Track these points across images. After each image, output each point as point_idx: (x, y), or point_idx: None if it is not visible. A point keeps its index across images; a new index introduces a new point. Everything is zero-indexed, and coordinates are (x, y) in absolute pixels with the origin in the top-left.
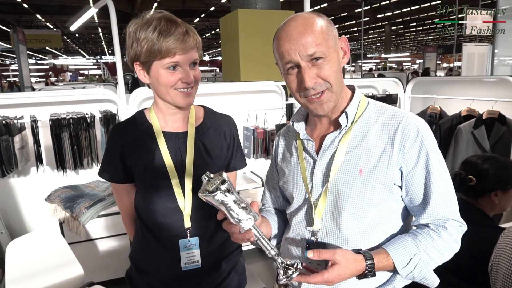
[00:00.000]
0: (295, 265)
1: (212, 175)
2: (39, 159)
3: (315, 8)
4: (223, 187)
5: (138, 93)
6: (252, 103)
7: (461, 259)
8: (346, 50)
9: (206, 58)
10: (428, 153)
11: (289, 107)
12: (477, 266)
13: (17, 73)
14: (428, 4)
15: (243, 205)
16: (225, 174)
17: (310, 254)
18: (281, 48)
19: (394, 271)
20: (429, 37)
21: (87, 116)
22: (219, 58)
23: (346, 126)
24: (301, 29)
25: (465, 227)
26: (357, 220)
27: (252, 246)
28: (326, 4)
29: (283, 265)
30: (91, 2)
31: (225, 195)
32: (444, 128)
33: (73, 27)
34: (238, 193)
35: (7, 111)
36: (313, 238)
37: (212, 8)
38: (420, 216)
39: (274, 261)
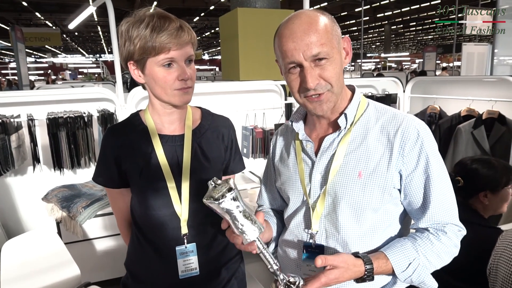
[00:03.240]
0: (296, 283)
1: (219, 181)
2: (36, 158)
3: (315, 7)
4: (230, 195)
5: (136, 92)
6: (251, 103)
7: (457, 260)
8: (349, 50)
9: (206, 57)
10: (428, 157)
11: (288, 107)
12: (474, 266)
13: (15, 71)
14: (428, 3)
15: (248, 215)
16: (232, 181)
17: (319, 262)
18: (284, 46)
19: (393, 275)
20: (429, 37)
21: (84, 115)
22: (219, 57)
23: (345, 128)
24: (306, 27)
25: (464, 231)
26: (356, 223)
27: None
28: (326, 3)
29: (284, 281)
30: (90, 0)
31: (231, 204)
32: (444, 128)
33: (71, 25)
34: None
35: (4, 110)
36: (311, 241)
37: (212, 7)
38: (420, 220)
39: (275, 276)
